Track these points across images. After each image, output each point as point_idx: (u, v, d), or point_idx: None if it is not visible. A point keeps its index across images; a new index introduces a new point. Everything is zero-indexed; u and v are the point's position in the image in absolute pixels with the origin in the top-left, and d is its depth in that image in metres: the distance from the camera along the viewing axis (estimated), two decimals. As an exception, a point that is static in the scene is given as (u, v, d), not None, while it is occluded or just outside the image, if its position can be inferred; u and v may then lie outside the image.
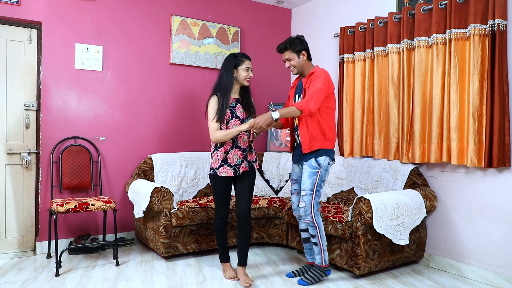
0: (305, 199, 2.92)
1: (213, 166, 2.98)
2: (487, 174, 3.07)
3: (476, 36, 2.98)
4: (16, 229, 3.65)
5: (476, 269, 3.11)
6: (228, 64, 2.95)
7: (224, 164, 2.95)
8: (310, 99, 2.80)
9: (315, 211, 2.91)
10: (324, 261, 2.98)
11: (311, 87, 2.88)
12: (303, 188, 2.94)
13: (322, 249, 2.95)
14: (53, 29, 3.69)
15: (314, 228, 2.93)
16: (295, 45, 2.99)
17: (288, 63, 3.04)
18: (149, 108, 4.15)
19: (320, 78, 2.88)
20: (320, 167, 2.91)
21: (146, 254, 3.65)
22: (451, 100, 3.13)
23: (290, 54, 3.01)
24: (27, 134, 3.69)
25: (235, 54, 3.00)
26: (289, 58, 3.02)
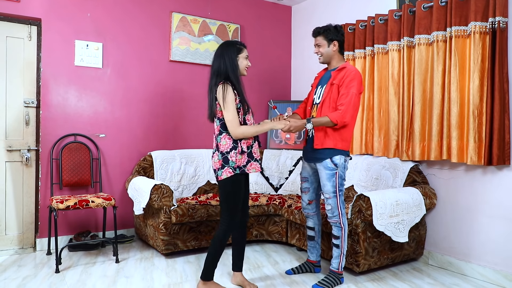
0: (331, 202, 2.83)
1: (239, 164, 2.59)
2: (487, 172, 3.07)
3: (477, 34, 2.98)
4: (16, 226, 3.65)
5: (476, 266, 3.12)
6: (230, 51, 2.67)
7: (251, 159, 2.65)
8: (346, 110, 2.74)
9: (342, 211, 2.84)
10: (341, 267, 2.88)
11: (344, 90, 2.78)
12: (325, 191, 2.86)
13: (342, 253, 2.86)
14: (52, 25, 3.68)
15: (340, 229, 2.85)
16: (328, 32, 2.91)
17: (317, 48, 2.95)
18: (149, 105, 4.15)
19: (354, 81, 2.79)
20: (337, 167, 2.83)
21: (146, 251, 3.66)
22: (451, 97, 3.13)
23: (322, 40, 2.92)
24: (27, 131, 3.69)
25: (233, 41, 2.76)
26: (319, 44, 2.94)
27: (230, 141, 2.60)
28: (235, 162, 2.59)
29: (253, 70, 4.78)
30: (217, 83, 2.61)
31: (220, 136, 2.63)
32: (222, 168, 2.60)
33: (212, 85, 2.65)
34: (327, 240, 3.29)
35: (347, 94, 2.77)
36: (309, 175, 3.05)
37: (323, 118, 2.77)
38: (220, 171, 2.61)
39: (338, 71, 2.89)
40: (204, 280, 2.69)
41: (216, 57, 2.69)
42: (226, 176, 2.59)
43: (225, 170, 2.59)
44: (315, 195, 3.08)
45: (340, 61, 2.97)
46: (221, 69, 2.63)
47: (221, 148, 2.62)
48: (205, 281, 2.69)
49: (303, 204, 3.11)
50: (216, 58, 2.69)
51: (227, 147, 2.60)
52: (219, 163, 2.61)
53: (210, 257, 2.66)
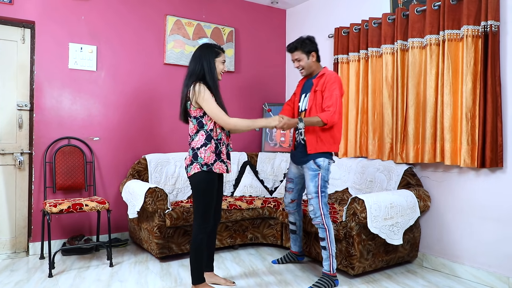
0: (313, 203, 2.91)
1: (207, 161, 2.57)
2: (480, 174, 3.09)
3: (469, 37, 3.00)
4: (8, 230, 3.62)
5: (469, 268, 3.13)
6: (208, 53, 2.67)
7: (218, 159, 2.63)
8: (335, 111, 2.84)
9: (324, 212, 2.89)
10: (332, 269, 2.89)
11: (328, 93, 2.89)
12: (308, 192, 2.95)
13: (331, 254, 2.89)
14: (46, 28, 3.67)
15: (324, 230, 2.89)
16: (305, 45, 3.00)
17: (298, 63, 3.04)
18: (143, 108, 4.14)
19: (335, 83, 2.90)
20: (320, 168, 2.92)
21: (140, 255, 3.64)
22: (445, 100, 3.15)
23: (300, 54, 3.01)
24: (20, 134, 3.66)
25: (212, 44, 2.74)
26: (298, 58, 3.02)
27: (203, 138, 2.61)
28: (203, 159, 2.58)
29: (248, 73, 4.79)
30: (189, 84, 2.64)
31: (197, 133, 2.64)
32: (191, 164, 2.61)
33: (186, 85, 2.67)
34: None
35: (331, 96, 2.88)
36: (295, 177, 3.20)
37: (313, 118, 2.86)
38: (189, 167, 2.62)
39: (318, 78, 3.02)
40: (194, 284, 2.68)
41: (194, 58, 2.70)
42: (194, 172, 2.59)
43: (193, 166, 2.60)
44: (297, 196, 3.25)
45: (319, 68, 3.10)
46: (196, 71, 2.65)
47: (193, 145, 2.63)
48: (195, 285, 2.68)
49: (286, 201, 3.29)
50: (193, 60, 2.70)
51: (199, 143, 2.61)
52: (189, 159, 2.63)
53: (191, 262, 2.66)
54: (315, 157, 2.92)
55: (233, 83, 4.69)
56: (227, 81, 4.63)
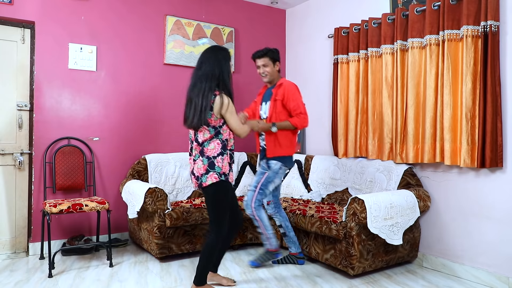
0: (248, 195, 3.20)
1: (225, 171, 2.55)
2: (480, 174, 3.09)
3: (469, 37, 3.00)
4: (8, 230, 3.62)
5: (469, 268, 3.13)
6: (225, 56, 2.62)
7: (231, 169, 2.63)
8: (306, 117, 3.18)
9: (255, 206, 3.17)
10: (272, 246, 3.27)
11: (293, 102, 3.16)
12: (251, 183, 3.30)
13: (267, 236, 3.24)
14: (46, 28, 3.67)
15: (256, 221, 3.21)
16: (273, 53, 3.25)
17: (264, 69, 3.25)
18: (143, 108, 4.14)
19: (295, 92, 3.21)
20: (269, 169, 3.19)
21: (140, 255, 3.64)
22: (444, 100, 3.15)
23: (268, 61, 3.24)
24: (20, 135, 3.66)
25: (224, 47, 2.71)
26: (266, 64, 3.24)
27: (219, 146, 2.54)
28: (221, 168, 2.54)
29: (247, 73, 4.79)
30: (212, 88, 2.52)
31: (210, 141, 2.55)
32: (207, 173, 2.53)
33: (205, 89, 2.51)
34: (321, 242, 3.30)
35: (297, 104, 3.18)
36: None
37: (285, 122, 3.16)
38: (204, 176, 2.53)
39: (277, 87, 3.25)
40: (197, 285, 2.65)
41: (209, 59, 2.58)
42: (212, 182, 2.52)
43: (210, 175, 2.53)
44: (271, 196, 3.32)
45: (278, 78, 3.35)
46: (215, 74, 2.54)
47: (208, 153, 2.53)
48: (198, 286, 2.65)
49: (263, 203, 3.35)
50: (208, 61, 2.58)
51: (215, 151, 2.54)
52: (204, 168, 2.54)
53: (202, 264, 2.63)
54: (269, 159, 3.19)
55: (233, 83, 4.67)
56: (227, 81, 4.63)
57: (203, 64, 2.59)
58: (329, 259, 3.21)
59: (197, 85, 2.56)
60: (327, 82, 4.43)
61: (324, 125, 4.47)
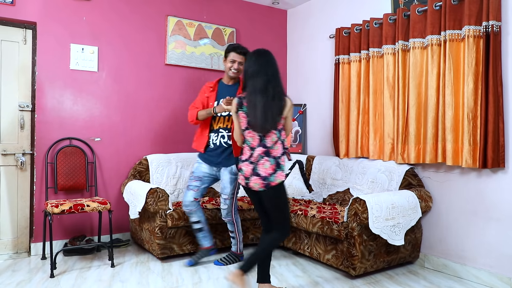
0: (228, 203, 3.29)
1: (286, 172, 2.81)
2: (481, 174, 3.09)
3: (471, 38, 3.00)
4: (10, 231, 3.62)
5: (471, 269, 3.13)
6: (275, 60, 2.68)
7: None
8: None
9: (234, 211, 3.34)
10: (240, 250, 3.44)
11: None
12: (225, 192, 3.28)
13: (239, 241, 3.41)
14: (48, 29, 3.67)
15: (233, 225, 3.36)
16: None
17: (239, 66, 3.21)
18: (145, 109, 4.14)
19: None
20: (236, 175, 3.25)
21: (142, 255, 3.64)
22: (446, 101, 3.15)
23: (244, 60, 3.17)
24: (21, 135, 3.67)
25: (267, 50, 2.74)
26: (242, 62, 3.20)
27: (281, 147, 2.60)
28: (284, 170, 2.59)
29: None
30: (282, 92, 2.58)
31: (276, 144, 2.57)
32: (275, 172, 2.53)
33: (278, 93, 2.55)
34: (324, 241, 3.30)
35: None
36: (204, 176, 3.35)
37: None
38: (273, 176, 2.52)
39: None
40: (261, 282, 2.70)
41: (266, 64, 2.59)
42: (281, 180, 2.54)
43: (278, 174, 2.54)
44: (200, 195, 3.35)
45: None
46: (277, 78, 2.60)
47: (274, 153, 2.56)
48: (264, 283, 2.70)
49: (187, 200, 3.29)
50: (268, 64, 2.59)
51: (279, 152, 2.57)
52: (272, 168, 2.53)
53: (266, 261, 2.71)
54: (235, 162, 3.18)
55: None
56: (228, 82, 4.63)
57: (264, 66, 2.58)
58: (331, 260, 3.21)
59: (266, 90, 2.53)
60: (329, 83, 4.43)
61: (326, 125, 4.46)
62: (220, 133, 3.29)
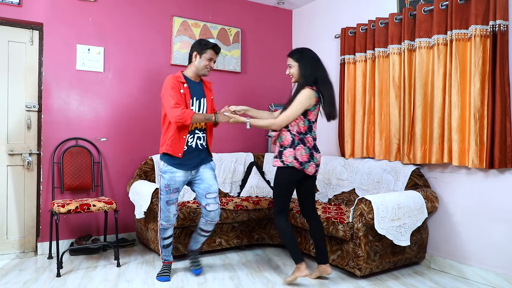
0: (218, 201, 3.08)
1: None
2: (488, 175, 3.07)
3: (477, 37, 2.98)
4: (17, 230, 3.65)
5: (478, 270, 3.11)
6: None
7: None
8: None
9: None
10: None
11: None
12: (213, 190, 3.03)
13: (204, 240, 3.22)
14: (54, 30, 3.70)
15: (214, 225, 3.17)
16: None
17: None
18: (150, 109, 4.15)
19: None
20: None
21: (147, 255, 3.65)
22: (452, 101, 3.13)
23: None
24: (28, 135, 3.69)
25: None
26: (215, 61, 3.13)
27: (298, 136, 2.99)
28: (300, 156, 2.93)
29: (254, 73, 4.79)
30: None
31: None
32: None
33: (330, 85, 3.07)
34: (328, 241, 3.29)
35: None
36: (181, 185, 2.99)
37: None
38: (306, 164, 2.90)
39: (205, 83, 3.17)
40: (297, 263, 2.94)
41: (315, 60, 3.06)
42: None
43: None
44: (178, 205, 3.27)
45: None
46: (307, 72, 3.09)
47: None
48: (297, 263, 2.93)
49: (171, 216, 2.99)
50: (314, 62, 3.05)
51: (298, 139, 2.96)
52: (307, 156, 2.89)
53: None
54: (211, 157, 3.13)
55: (239, 84, 4.69)
56: (233, 82, 4.63)
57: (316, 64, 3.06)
58: (336, 260, 3.20)
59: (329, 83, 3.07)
60: (334, 83, 4.39)
61: (331, 125, 4.44)
62: (196, 134, 2.99)
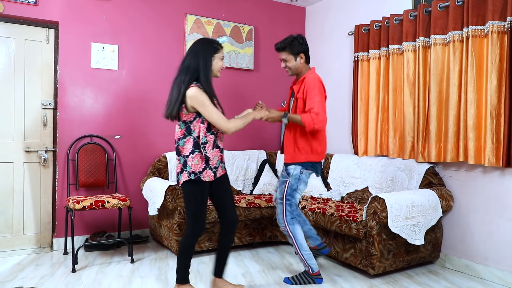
0: (278, 210, 2.91)
1: (194, 170, 2.45)
2: (505, 173, 3.01)
3: (495, 33, 2.93)
4: (33, 226, 3.72)
5: (494, 270, 3.06)
6: (207, 49, 2.49)
7: (207, 166, 2.49)
8: (317, 117, 2.69)
9: (288, 220, 2.85)
10: (311, 269, 2.90)
11: (309, 100, 2.76)
12: (276, 196, 2.96)
13: (303, 258, 2.88)
14: (69, 28, 3.74)
15: (290, 238, 2.88)
16: (294, 46, 2.86)
17: (284, 63, 2.91)
18: (163, 107, 4.16)
19: (314, 89, 2.76)
20: (289, 176, 2.85)
21: (161, 252, 3.68)
22: (468, 98, 3.09)
23: (287, 55, 2.87)
24: (44, 132, 3.75)
25: (210, 40, 2.58)
26: (285, 59, 2.89)
27: (191, 145, 2.46)
28: (190, 167, 2.46)
29: (267, 71, 4.79)
30: (185, 81, 2.43)
31: (184, 139, 2.48)
32: (181, 172, 2.49)
33: (180, 82, 2.44)
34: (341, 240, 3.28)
35: (313, 102, 2.73)
36: None
37: (297, 116, 2.76)
38: (180, 175, 2.50)
39: (299, 83, 2.89)
40: (178, 283, 2.56)
41: (190, 52, 2.50)
42: (184, 180, 2.47)
43: (183, 174, 2.48)
44: None
45: (306, 70, 2.94)
46: (191, 67, 2.46)
47: (183, 152, 2.48)
48: (179, 284, 2.56)
49: None
50: (189, 54, 2.50)
51: (188, 150, 2.47)
52: (180, 167, 2.50)
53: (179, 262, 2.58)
54: (288, 164, 2.87)
55: (252, 81, 4.69)
56: (246, 79, 4.64)
57: (186, 57, 2.53)
58: (349, 258, 3.19)
59: (176, 78, 2.50)
60: (347, 80, 4.39)
61: (344, 123, 4.43)
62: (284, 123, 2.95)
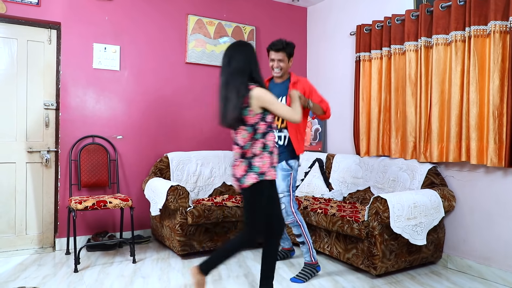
0: (284, 201, 2.99)
1: (263, 170, 2.36)
2: (507, 174, 3.01)
3: (497, 33, 2.92)
4: (36, 226, 3.72)
5: (497, 271, 3.05)
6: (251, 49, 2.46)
7: (271, 165, 2.43)
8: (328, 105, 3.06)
9: (295, 210, 3.03)
10: (313, 258, 3.07)
11: (315, 94, 3.05)
12: (279, 191, 2.96)
13: (310, 246, 3.06)
14: (72, 29, 3.75)
15: (298, 227, 3.03)
16: (290, 48, 3.02)
17: (278, 63, 2.99)
18: (165, 107, 4.18)
19: (313, 86, 3.10)
20: (292, 169, 3.02)
21: (162, 252, 3.69)
22: (470, 98, 3.08)
23: (284, 56, 3.01)
24: (46, 133, 3.76)
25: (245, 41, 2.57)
26: (282, 59, 3.00)
27: (258, 146, 2.38)
28: (260, 168, 2.37)
29: (268, 71, 4.78)
30: (244, 83, 2.34)
31: (250, 142, 2.37)
32: (246, 174, 2.38)
33: (237, 85, 2.33)
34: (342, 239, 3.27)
35: (320, 95, 3.08)
36: None
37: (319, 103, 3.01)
38: (243, 178, 2.39)
39: (294, 84, 3.03)
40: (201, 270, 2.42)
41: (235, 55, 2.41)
42: (252, 182, 2.36)
43: (249, 176, 2.37)
44: None
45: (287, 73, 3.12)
46: (245, 69, 2.37)
47: (248, 154, 2.39)
48: (201, 272, 2.42)
49: None
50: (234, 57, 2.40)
51: (255, 151, 2.38)
52: (243, 169, 2.39)
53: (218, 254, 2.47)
54: (287, 158, 3.00)
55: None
56: (248, 80, 4.64)
57: (232, 59, 2.41)
58: (351, 259, 3.18)
59: (231, 82, 2.36)
60: (349, 80, 4.39)
61: (346, 123, 4.42)
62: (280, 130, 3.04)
